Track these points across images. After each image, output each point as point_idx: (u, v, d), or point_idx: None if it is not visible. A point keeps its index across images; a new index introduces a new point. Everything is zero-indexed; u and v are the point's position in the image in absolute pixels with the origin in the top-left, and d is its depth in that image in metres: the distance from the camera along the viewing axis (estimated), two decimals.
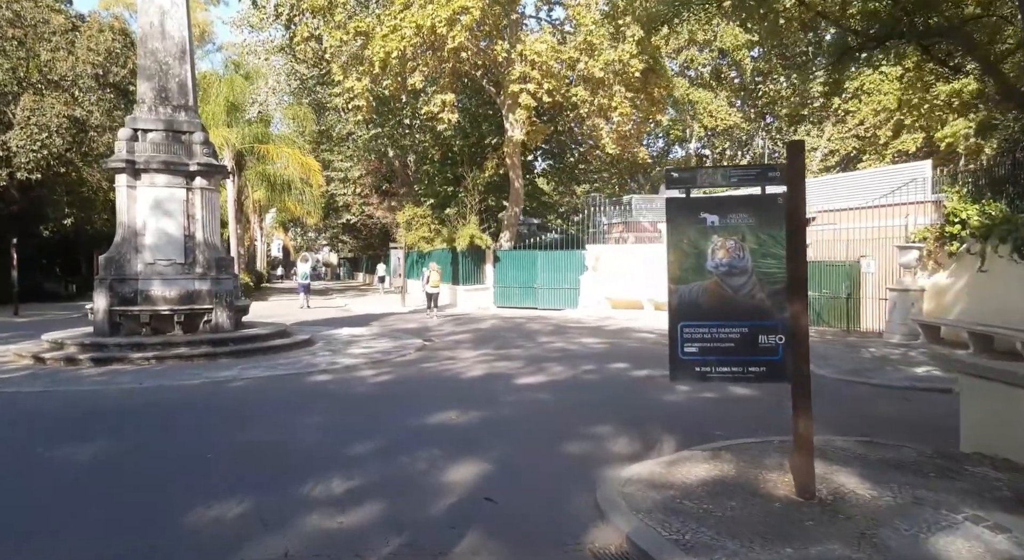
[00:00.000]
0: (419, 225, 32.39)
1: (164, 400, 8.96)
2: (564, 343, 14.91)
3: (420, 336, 16.50)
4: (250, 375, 10.89)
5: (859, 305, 19.86)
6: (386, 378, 10.66)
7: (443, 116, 23.03)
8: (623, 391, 9.41)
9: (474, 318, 21.69)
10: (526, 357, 12.70)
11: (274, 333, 14.23)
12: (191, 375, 10.81)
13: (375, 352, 13.53)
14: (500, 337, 16.32)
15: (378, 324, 19.63)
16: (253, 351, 13.00)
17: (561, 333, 17.07)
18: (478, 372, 11.05)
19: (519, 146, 26.93)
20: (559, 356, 12.78)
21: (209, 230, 13.95)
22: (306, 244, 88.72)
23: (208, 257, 13.78)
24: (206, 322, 13.62)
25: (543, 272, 26.30)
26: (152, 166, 13.40)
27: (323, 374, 11.05)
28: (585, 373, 10.77)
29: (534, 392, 9.22)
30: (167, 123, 13.76)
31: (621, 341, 15.36)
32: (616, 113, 23.25)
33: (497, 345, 14.68)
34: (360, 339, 15.73)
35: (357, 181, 38.31)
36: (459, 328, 18.41)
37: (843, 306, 19.95)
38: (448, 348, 14.37)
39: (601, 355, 12.93)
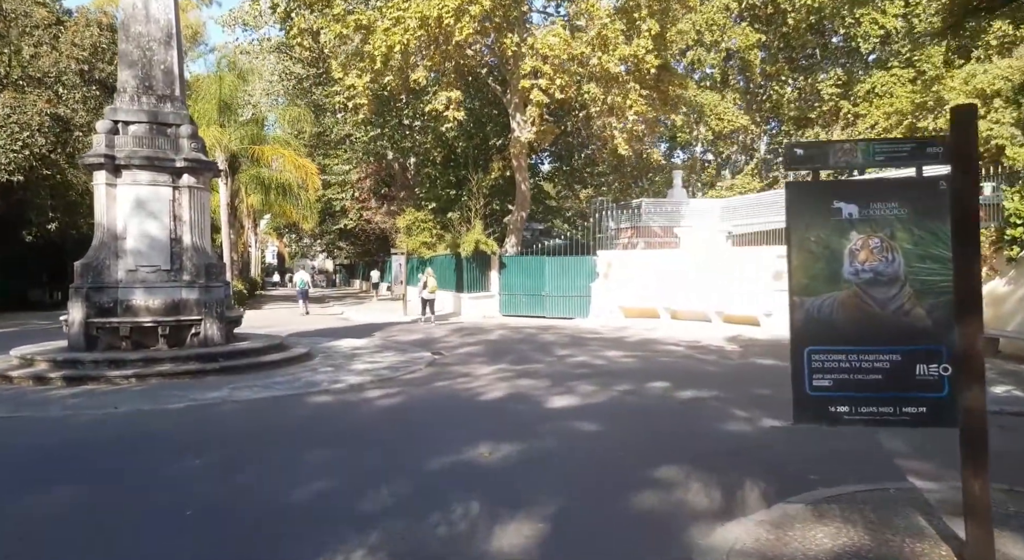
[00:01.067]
0: (420, 230, 31.12)
1: (140, 431, 7.65)
2: (586, 357, 13.63)
3: (427, 348, 15.22)
4: (242, 396, 9.59)
5: None
6: (397, 400, 9.36)
7: (448, 114, 21.80)
8: (674, 418, 8.13)
9: (481, 328, 20.41)
10: (549, 374, 11.42)
11: (269, 346, 12.92)
12: (175, 397, 9.51)
13: (381, 368, 12.23)
14: (514, 350, 15.05)
15: (380, 335, 18.33)
16: (246, 367, 11.70)
17: (579, 345, 15.80)
18: (499, 392, 9.76)
19: (526, 147, 25.72)
20: (586, 373, 11.50)
21: (198, 233, 12.66)
22: (301, 250, 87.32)
23: (197, 263, 12.48)
24: (194, 335, 12.32)
25: (551, 279, 25.05)
26: (134, 162, 12.11)
27: (324, 395, 9.76)
28: (623, 395, 9.48)
29: (571, 419, 7.93)
30: (151, 114, 12.49)
31: (648, 354, 14.09)
32: (631, 112, 22.04)
33: (513, 359, 13.40)
34: (363, 352, 14.43)
35: (355, 185, 37.02)
36: (468, 339, 17.12)
37: None
38: (460, 363, 13.08)
39: (633, 372, 11.65)
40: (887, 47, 39.50)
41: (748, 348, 15.19)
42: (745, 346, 15.56)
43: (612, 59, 20.77)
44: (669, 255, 23.23)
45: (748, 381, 10.63)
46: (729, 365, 12.59)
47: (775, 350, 14.76)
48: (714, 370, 11.92)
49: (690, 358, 13.50)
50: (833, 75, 40.97)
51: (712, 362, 12.95)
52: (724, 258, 21.16)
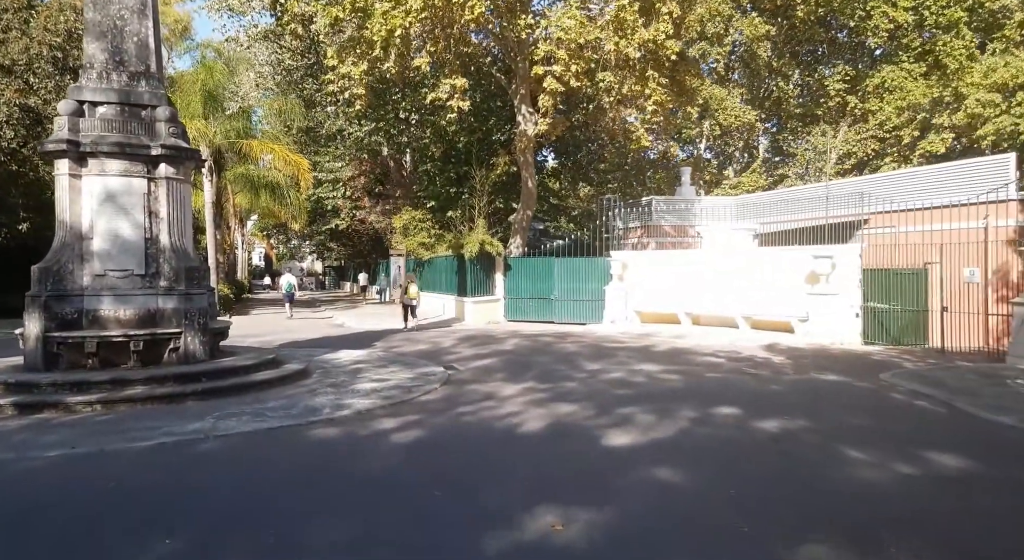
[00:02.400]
0: (417, 230, 29.43)
1: (94, 487, 5.94)
2: (621, 373, 11.99)
3: (437, 361, 13.55)
4: (228, 429, 7.89)
5: (927, 319, 17.24)
6: (417, 435, 7.68)
7: (453, 103, 20.12)
8: (775, 462, 6.50)
9: (491, 336, 18.74)
10: (588, 396, 9.79)
11: (260, 363, 11.20)
12: (145, 430, 7.80)
13: (390, 387, 10.56)
14: (535, 363, 13.40)
15: (381, 345, 16.64)
16: (233, 389, 9.98)
17: (605, 357, 14.18)
18: (538, 423, 8.11)
19: (533, 141, 24.08)
20: (631, 395, 9.87)
21: (177, 232, 10.94)
22: (289, 252, 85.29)
23: (176, 266, 10.76)
24: (172, 350, 10.59)
25: (561, 282, 23.46)
26: (102, 149, 10.38)
27: (328, 427, 8.08)
28: (692, 426, 7.85)
29: (646, 465, 6.29)
30: (122, 94, 10.75)
31: (689, 368, 12.48)
32: (650, 101, 20.43)
33: (538, 376, 11.76)
34: (365, 367, 12.74)
35: (347, 183, 35.22)
36: (480, 350, 15.45)
37: (918, 321, 17.30)
38: (478, 380, 11.42)
39: (686, 393, 10.03)
40: (896, 41, 38.21)
41: (797, 359, 13.62)
42: (792, 357, 13.99)
43: (631, 43, 19.16)
44: (690, 256, 21.68)
45: (830, 405, 9.05)
46: (791, 383, 10.99)
47: (829, 362, 13.24)
48: (779, 390, 10.31)
49: (740, 373, 11.89)
50: (840, 70, 39.70)
51: (768, 379, 11.35)
52: (752, 259, 19.62)
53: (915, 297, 17.28)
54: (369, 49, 20.34)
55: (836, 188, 23.22)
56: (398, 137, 29.80)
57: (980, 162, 19.39)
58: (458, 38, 20.79)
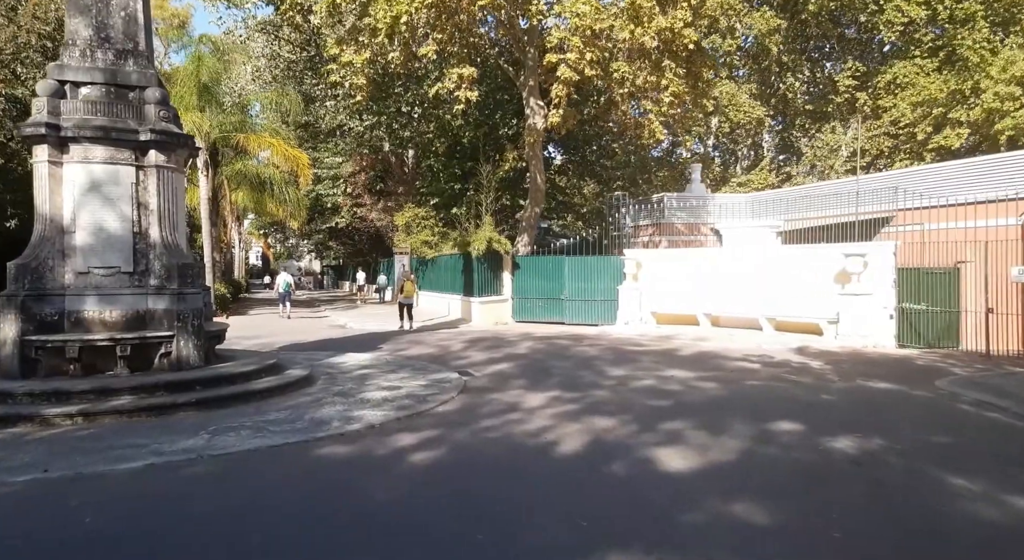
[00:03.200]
0: (420, 228, 28.50)
1: (64, 522, 4.99)
2: (651, 380, 11.05)
3: (449, 366, 12.62)
4: (225, 447, 6.95)
5: (959, 320, 16.35)
6: (438, 454, 6.74)
7: (460, 94, 19.18)
8: (867, 492, 5.52)
9: (502, 338, 17.79)
10: (623, 407, 8.85)
11: (260, 369, 10.24)
12: (131, 448, 6.86)
13: (402, 396, 9.61)
14: (554, 368, 12.47)
15: (387, 348, 15.69)
16: (231, 399, 9.02)
17: (628, 361, 13.25)
18: (576, 442, 7.15)
19: (542, 136, 23.13)
20: (670, 406, 8.93)
21: (169, 225, 9.98)
22: (287, 251, 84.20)
23: (167, 263, 9.79)
24: (164, 355, 9.63)
25: (572, 281, 22.51)
26: (85, 133, 9.43)
27: (338, 444, 7.14)
28: (754, 446, 6.90)
29: (717, 499, 5.33)
30: (108, 73, 9.79)
31: (723, 374, 11.54)
32: (667, 93, 19.50)
33: (562, 382, 10.82)
34: (373, 373, 11.79)
35: (348, 179, 34.23)
36: (493, 354, 14.50)
37: (950, 322, 16.40)
38: (497, 387, 10.48)
39: (730, 404, 9.09)
40: (908, 36, 37.40)
41: (836, 364, 12.70)
42: (830, 361, 13.07)
43: (648, 31, 18.24)
44: (708, 254, 20.75)
45: (897, 419, 8.13)
46: (842, 391, 10.06)
47: (871, 367, 12.33)
48: (831, 400, 9.38)
49: (781, 380, 10.96)
50: (851, 66, 38.89)
51: (815, 387, 10.42)
52: (775, 257, 18.70)
53: (947, 297, 16.38)
54: (372, 37, 19.41)
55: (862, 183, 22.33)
56: (400, 132, 28.82)
57: (1012, 156, 18.48)
58: (465, 27, 19.85)
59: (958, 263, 16.94)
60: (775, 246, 19.26)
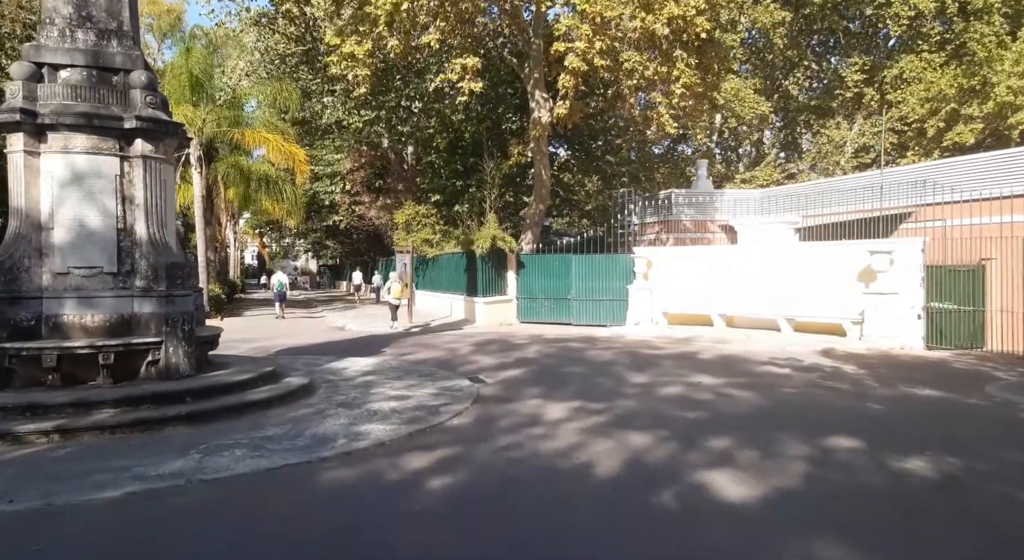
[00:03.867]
0: (421, 226, 27.66)
1: None
2: (678, 387, 10.27)
3: (458, 372, 11.84)
4: (217, 470, 6.15)
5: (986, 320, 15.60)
6: (459, 480, 5.93)
7: (464, 85, 18.37)
8: (973, 528, 4.75)
9: (509, 340, 17.00)
10: (655, 419, 8.08)
11: (257, 377, 9.41)
12: (112, 471, 6.06)
13: (412, 407, 8.82)
14: (570, 374, 11.69)
15: (391, 351, 14.89)
16: (225, 412, 8.22)
17: (649, 366, 12.47)
18: (612, 463, 6.36)
19: (547, 130, 22.33)
20: (707, 418, 8.16)
21: (156, 221, 9.17)
22: (283, 250, 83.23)
23: (155, 262, 8.97)
24: (151, 364, 8.82)
25: (579, 281, 21.71)
26: (65, 120, 8.60)
27: (344, 466, 6.35)
28: (816, 468, 6.10)
29: (800, 538, 4.54)
30: (90, 55, 8.97)
31: (755, 381, 10.76)
32: (678, 84, 18.72)
33: (581, 390, 10.05)
34: (378, 380, 10.99)
35: (346, 176, 33.38)
36: (503, 358, 13.70)
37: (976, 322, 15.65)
38: (513, 396, 9.69)
39: (773, 415, 8.32)
40: (915, 30, 36.73)
41: (870, 369, 11.94)
42: (862, 365, 12.31)
43: (659, 19, 17.46)
44: (723, 252, 19.99)
45: (961, 433, 7.37)
46: (887, 400, 9.27)
47: (909, 371, 11.57)
48: (881, 410, 8.60)
49: (818, 387, 10.19)
50: (859, 61, 38.19)
51: (855, 394, 9.65)
52: (794, 255, 17.94)
53: (973, 296, 15.62)
54: (372, 27, 18.61)
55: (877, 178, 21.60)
56: (400, 127, 27.98)
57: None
58: (468, 16, 19.03)
59: (983, 260, 16.23)
60: (793, 243, 18.48)
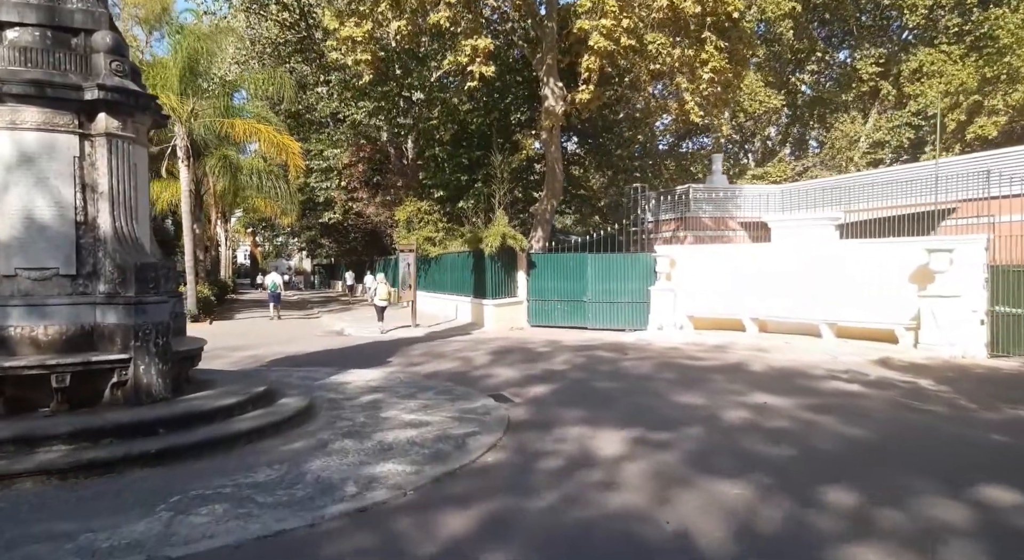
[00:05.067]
0: (423, 223, 26.12)
1: None
2: (742, 410, 8.74)
3: (477, 387, 10.33)
4: (189, 539, 4.60)
5: None
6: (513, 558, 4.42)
7: (474, 68, 16.83)
8: None
9: (528, 348, 15.46)
10: (736, 457, 6.58)
11: (245, 400, 7.84)
12: (47, 542, 4.54)
13: (432, 437, 7.29)
14: (609, 392, 10.18)
15: (398, 361, 13.34)
16: (205, 447, 6.66)
17: (695, 381, 10.95)
18: (714, 532, 4.82)
19: (560, 120, 20.81)
20: (801, 458, 6.64)
21: (125, 214, 7.60)
22: (276, 250, 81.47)
23: (122, 263, 7.40)
24: (117, 386, 7.26)
25: (595, 281, 20.19)
26: (12, 90, 7.03)
27: (357, 530, 4.83)
28: (996, 545, 4.59)
29: None
30: (44, 12, 7.39)
31: (828, 401, 9.23)
32: (707, 68, 17.23)
33: (629, 414, 8.53)
34: (387, 398, 9.45)
35: (342, 172, 31.74)
36: (527, 370, 12.14)
37: None
38: (551, 421, 8.15)
39: (880, 452, 6.80)
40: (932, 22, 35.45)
41: (952, 383, 10.45)
42: (937, 379, 10.81)
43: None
44: (754, 250, 18.49)
45: None
46: (1005, 427, 7.76)
47: (995, 386, 10.08)
48: (1009, 442, 7.09)
49: (908, 410, 8.67)
50: (875, 53, 36.86)
51: (960, 419, 8.14)
52: (836, 254, 16.44)
53: None
54: (374, 5, 17.07)
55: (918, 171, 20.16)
56: (401, 118, 26.36)
57: None
58: None
59: None
60: (833, 241, 16.98)
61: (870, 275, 15.51)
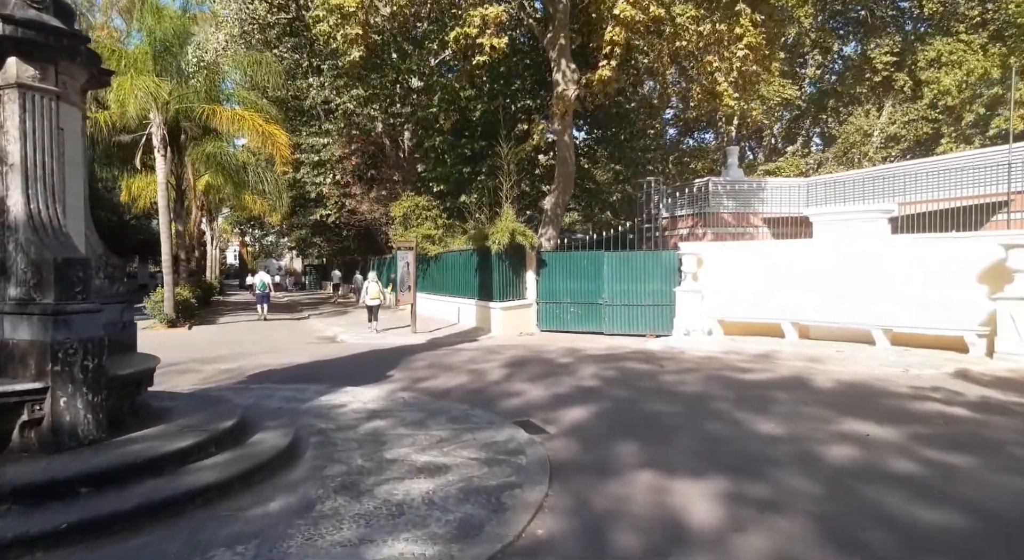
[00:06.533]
0: (421, 219, 24.24)
1: None
2: (843, 445, 6.92)
3: (497, 409, 8.51)
4: None
5: None
6: None
7: (484, 41, 14.99)
8: None
9: (545, 357, 13.60)
10: (892, 528, 4.78)
11: (206, 441, 5.91)
12: None
13: (455, 493, 5.42)
14: (661, 416, 8.34)
15: (401, 375, 11.45)
16: (143, 516, 4.75)
17: (758, 401, 9.12)
18: None
19: (573, 105, 18.97)
20: (987, 536, 4.82)
21: (44, 193, 5.71)
22: (265, 250, 79.34)
23: (38, 258, 5.50)
24: (30, 425, 5.35)
25: (612, 282, 18.37)
26: None
27: None
28: None
29: None
30: None
31: (942, 432, 7.40)
32: (741, 45, 15.44)
33: (701, 452, 6.71)
34: (391, 428, 7.57)
35: (334, 166, 29.80)
36: (553, 388, 10.26)
37: None
38: (607, 466, 6.30)
39: None
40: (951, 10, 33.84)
41: None
42: None
43: None
44: (792, 249, 16.67)
45: None
46: None
47: None
48: None
49: None
50: (890, 41, 35.27)
51: None
52: (888, 252, 14.65)
53: None
54: None
55: (983, 158, 18.42)
56: (399, 105, 24.43)
57: None
58: None
59: None
60: (885, 236, 15.19)
61: (928, 274, 13.75)
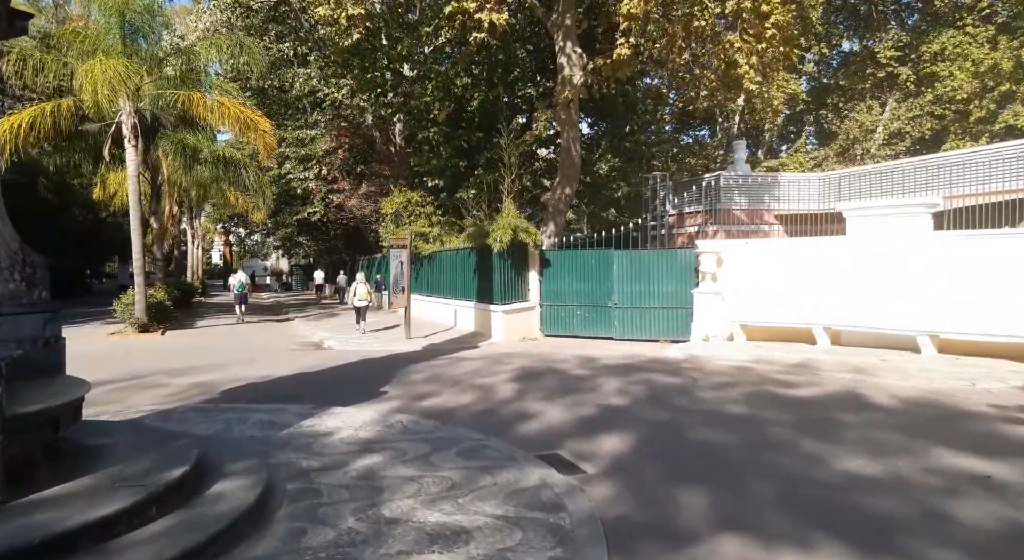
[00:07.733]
0: (414, 216, 22.75)
1: None
2: (967, 491, 5.51)
3: (515, 438, 7.07)
4: None
5: None
6: None
7: (483, 16, 13.53)
8: None
9: (557, 368, 12.13)
10: None
11: (144, 501, 4.35)
12: None
13: None
14: (714, 447, 6.91)
15: (396, 392, 9.94)
16: None
17: (826, 427, 7.71)
18: None
19: (579, 93, 17.53)
20: None
21: None
22: (249, 250, 77.47)
23: None
24: None
25: (622, 283, 16.93)
26: None
27: None
28: None
29: None
30: None
31: None
32: (768, 23, 14.05)
33: (787, 501, 5.30)
34: (389, 465, 6.09)
35: (321, 160, 28.22)
36: (576, 408, 8.78)
37: None
38: (673, 527, 4.87)
39: None
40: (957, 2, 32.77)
41: None
42: None
43: None
44: (822, 246, 15.25)
45: None
46: None
47: None
48: None
49: None
50: (893, 34, 34.18)
51: None
52: (931, 251, 13.31)
53: None
54: None
55: None
56: (390, 96, 22.88)
57: None
58: None
59: None
60: (927, 233, 13.83)
61: (981, 275, 12.40)
